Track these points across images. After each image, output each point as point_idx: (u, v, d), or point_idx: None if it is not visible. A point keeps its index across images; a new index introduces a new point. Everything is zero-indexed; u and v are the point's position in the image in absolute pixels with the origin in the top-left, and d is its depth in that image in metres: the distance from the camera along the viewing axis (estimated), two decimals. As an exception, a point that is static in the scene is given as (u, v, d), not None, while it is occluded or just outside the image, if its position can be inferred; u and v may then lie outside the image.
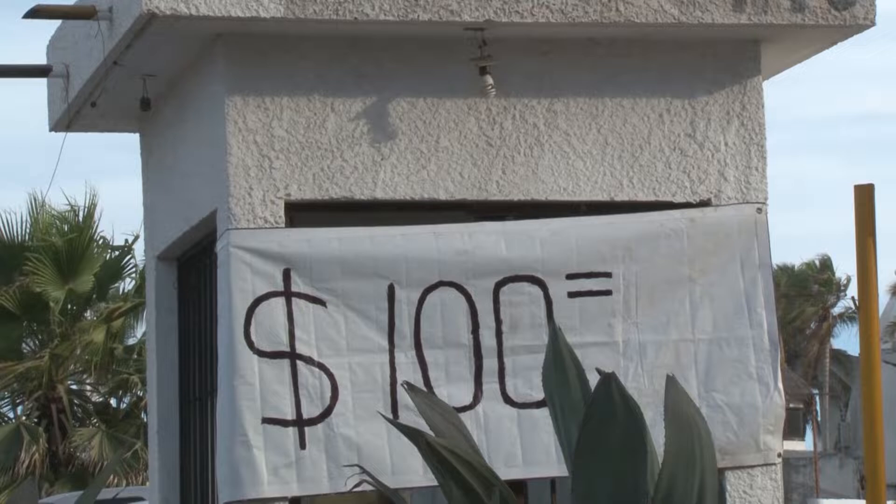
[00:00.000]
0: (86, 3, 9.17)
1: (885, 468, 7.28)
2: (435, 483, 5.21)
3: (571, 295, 8.07)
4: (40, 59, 10.55)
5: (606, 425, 4.78)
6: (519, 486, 7.57)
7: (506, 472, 6.99)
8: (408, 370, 8.06)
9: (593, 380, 4.66)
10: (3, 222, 35.23)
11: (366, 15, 7.98)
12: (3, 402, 35.78)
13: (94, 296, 34.76)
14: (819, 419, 37.32)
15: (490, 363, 8.03)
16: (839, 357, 41.86)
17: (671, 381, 4.95)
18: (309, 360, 8.03)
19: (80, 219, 34.12)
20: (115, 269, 34.23)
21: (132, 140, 10.94)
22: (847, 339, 43.27)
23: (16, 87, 12.72)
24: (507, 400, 8.01)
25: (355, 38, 8.34)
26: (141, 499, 13.83)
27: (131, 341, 32.83)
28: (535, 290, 8.10)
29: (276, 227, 8.19)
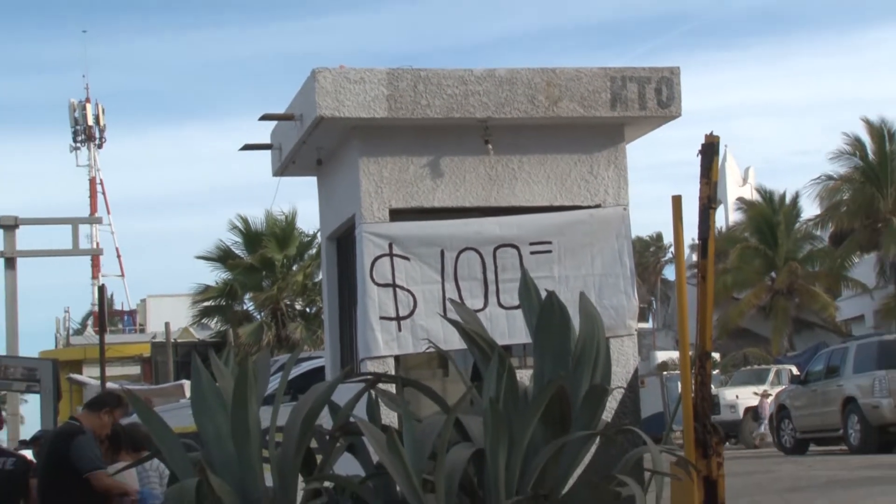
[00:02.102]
0: (289, 111, 12.47)
1: (688, 336, 10.52)
2: (465, 347, 9.18)
3: (532, 253, 11.55)
4: (265, 139, 13.88)
5: (549, 318, 8.53)
6: (507, 349, 9.72)
7: (500, 341, 9.18)
8: (451, 292, 11.39)
9: (544, 295, 8.50)
10: (247, 224, 50.47)
11: (426, 115, 11.49)
12: (254, 310, 51.48)
13: (297, 257, 51.75)
14: (655, 311, 48.22)
15: (492, 288, 11.56)
16: (665, 282, 53.63)
17: (582, 295, 8.88)
18: (401, 287, 11.52)
19: (287, 219, 50.78)
20: (307, 244, 51.25)
21: (312, 180, 14.16)
22: (669, 272, 55.67)
23: (257, 155, 13.92)
24: (501, 305, 11.50)
25: (422, 125, 11.74)
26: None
27: (317, 279, 45.33)
28: (514, 251, 11.56)
29: (384, 222, 11.67)
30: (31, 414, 46.22)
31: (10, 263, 39.62)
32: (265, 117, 12.87)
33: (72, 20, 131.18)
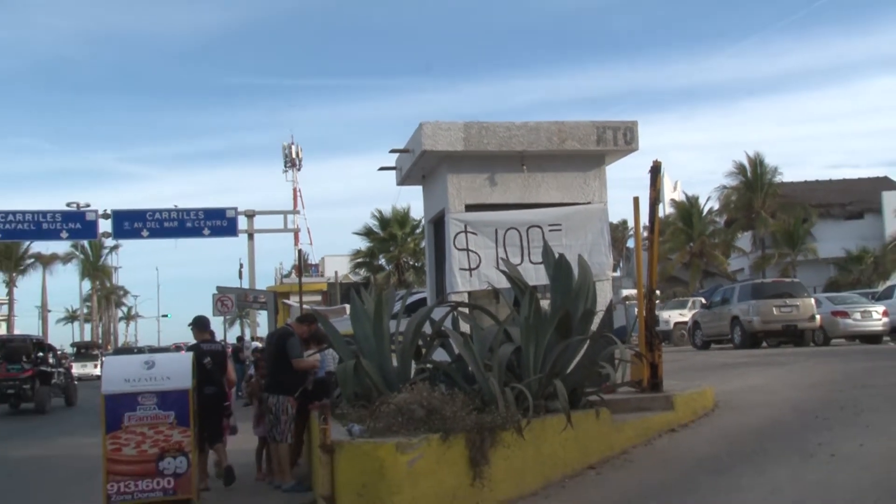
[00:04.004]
0: (406, 147, 12.23)
1: (642, 280, 10.79)
2: (510, 286, 9.58)
3: (549, 231, 11.15)
4: (392, 163, 13.29)
5: (560, 270, 8.84)
6: (535, 288, 9.20)
7: (530, 283, 9.50)
8: (501, 254, 11.03)
9: (557, 256, 8.92)
10: (381, 214, 49.34)
11: (486, 149, 11.23)
12: (385, 264, 50.18)
13: (410, 233, 49.05)
14: (621, 266, 47.76)
15: (525, 251, 11.17)
16: (628, 249, 55.57)
17: (580, 257, 9.22)
18: (471, 251, 11.16)
19: (404, 210, 48.61)
20: (416, 225, 47.17)
21: (419, 188, 13.37)
22: (630, 243, 55.68)
23: (388, 174, 13.92)
24: (531, 262, 11.03)
25: (484, 155, 11.36)
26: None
27: (422, 245, 42.09)
28: (538, 230, 11.19)
29: (461, 212, 11.34)
30: (262, 322, 47.84)
31: (251, 237, 41.07)
32: (393, 150, 12.67)
33: (284, 97, 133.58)
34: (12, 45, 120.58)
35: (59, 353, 31.29)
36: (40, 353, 26.68)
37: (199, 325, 11.38)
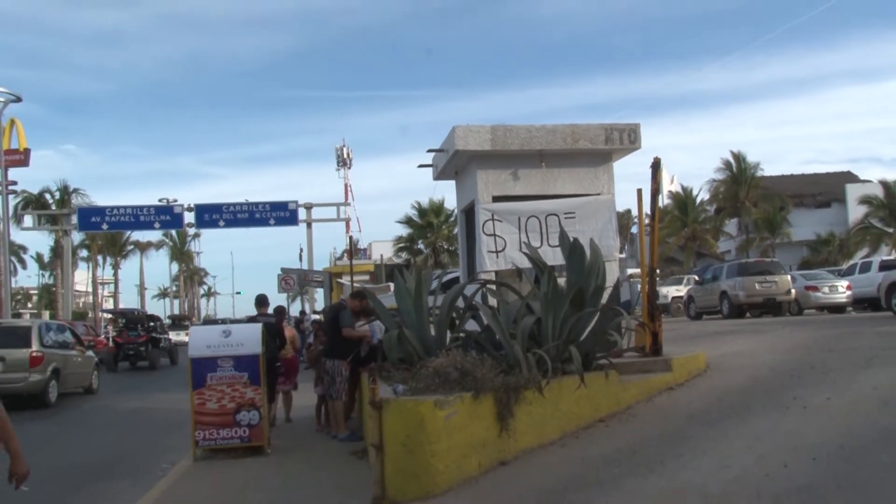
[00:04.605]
0: (441, 147, 11.99)
1: (645, 260, 10.69)
2: (531, 266, 9.26)
3: (565, 218, 10.75)
4: (428, 161, 12.87)
5: (574, 252, 8.62)
6: (553, 268, 8.82)
7: (549, 263, 9.01)
8: (523, 238, 10.68)
9: (572, 240, 8.70)
10: (420, 205, 49.22)
11: (510, 148, 10.92)
12: (423, 248, 49.47)
13: (445, 221, 48.11)
14: (626, 248, 47.27)
15: (544, 236, 10.78)
16: (631, 234, 54.18)
17: (591, 241, 8.91)
18: (498, 236, 10.87)
19: (440, 201, 47.95)
20: (449, 214, 46.63)
21: (452, 182, 12.91)
22: (634, 229, 53.87)
23: (425, 171, 13.85)
24: (549, 245, 10.52)
25: (508, 153, 11.03)
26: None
27: (454, 231, 39.95)
28: (556, 217, 10.81)
29: (489, 203, 11.04)
30: (319, 298, 48.04)
31: (309, 226, 41.03)
32: (430, 150, 12.52)
33: (335, 107, 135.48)
34: (119, 72, 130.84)
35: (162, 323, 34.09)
36: (151, 323, 30.23)
37: (258, 301, 11.96)
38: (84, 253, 66.03)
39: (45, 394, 16.70)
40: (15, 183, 35.71)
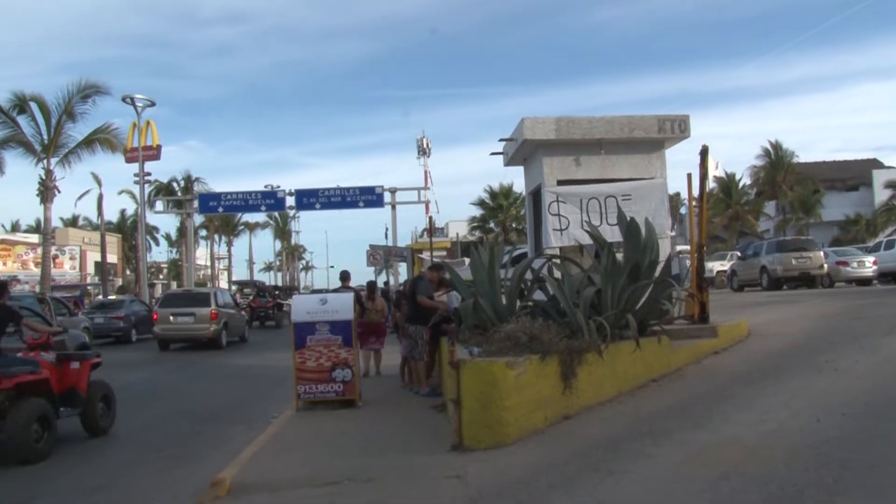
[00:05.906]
0: (511, 136, 11.71)
1: (694, 238, 10.30)
2: (592, 242, 9.17)
3: (622, 200, 10.37)
4: (499, 149, 12.54)
5: (632, 229, 8.42)
6: (612, 244, 8.60)
7: (609, 240, 8.87)
8: (584, 217, 10.35)
9: (629, 219, 8.53)
10: (491, 188, 49.43)
11: (573, 137, 10.71)
12: (493, 227, 48.86)
13: (514, 203, 47.84)
14: (676, 227, 46.06)
15: (604, 216, 10.40)
16: (681, 214, 51.56)
17: (646, 220, 8.64)
18: (562, 215, 10.55)
19: (509, 185, 48.20)
20: (518, 196, 45.88)
21: (520, 168, 12.57)
22: (683, 210, 51.48)
23: (496, 158, 12.90)
24: (608, 224, 10.16)
25: (571, 142, 10.77)
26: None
27: (522, 212, 39.61)
28: (614, 199, 10.45)
29: (554, 186, 10.74)
30: (402, 271, 48.51)
31: (393, 208, 40.83)
32: (501, 139, 12.29)
33: (417, 103, 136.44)
34: (232, 79, 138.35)
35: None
36: (276, 292, 35.49)
37: (341, 276, 12.62)
38: (203, 232, 68.24)
39: (220, 339, 20.99)
40: (149, 174, 37.30)
